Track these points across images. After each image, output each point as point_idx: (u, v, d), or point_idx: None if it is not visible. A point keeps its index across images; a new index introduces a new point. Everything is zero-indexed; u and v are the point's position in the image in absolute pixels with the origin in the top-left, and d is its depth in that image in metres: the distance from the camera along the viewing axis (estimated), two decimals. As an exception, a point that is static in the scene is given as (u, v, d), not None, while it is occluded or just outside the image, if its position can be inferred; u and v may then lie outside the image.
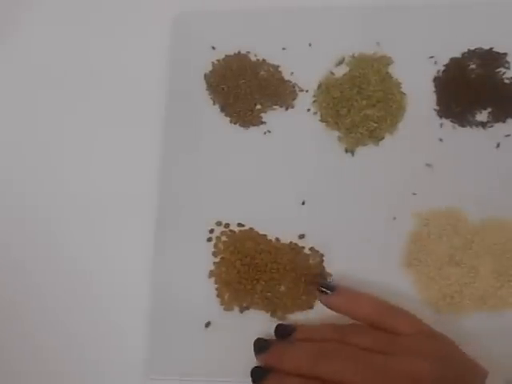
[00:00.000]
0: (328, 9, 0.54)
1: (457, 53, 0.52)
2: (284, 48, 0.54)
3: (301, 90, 0.53)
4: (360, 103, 0.51)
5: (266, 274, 0.46)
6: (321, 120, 0.51)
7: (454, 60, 0.52)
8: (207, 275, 0.48)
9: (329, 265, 0.47)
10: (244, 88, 0.53)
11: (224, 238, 0.49)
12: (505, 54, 0.51)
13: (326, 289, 0.44)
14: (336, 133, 0.51)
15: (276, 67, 0.53)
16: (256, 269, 0.47)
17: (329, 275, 0.47)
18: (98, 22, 0.57)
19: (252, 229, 0.49)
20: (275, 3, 0.53)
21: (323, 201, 0.49)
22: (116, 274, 0.49)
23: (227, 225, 0.49)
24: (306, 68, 0.53)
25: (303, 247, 0.48)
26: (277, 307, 0.46)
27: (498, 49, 0.51)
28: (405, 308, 0.43)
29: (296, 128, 0.51)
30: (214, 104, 0.53)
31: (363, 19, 0.53)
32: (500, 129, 0.49)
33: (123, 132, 0.53)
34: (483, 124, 0.50)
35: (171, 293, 0.48)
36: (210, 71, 0.54)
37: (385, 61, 0.52)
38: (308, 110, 0.52)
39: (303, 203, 0.49)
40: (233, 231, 0.49)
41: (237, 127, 0.52)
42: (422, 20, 0.53)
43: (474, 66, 0.51)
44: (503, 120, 0.50)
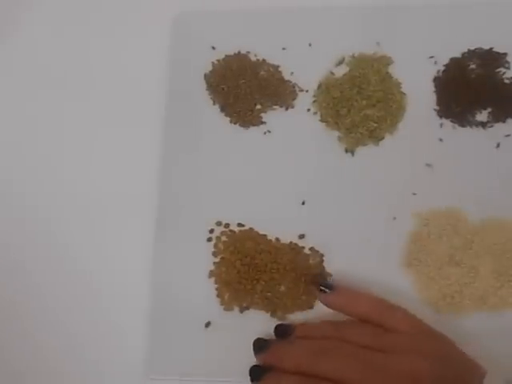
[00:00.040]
0: (328, 9, 0.54)
1: (457, 53, 0.52)
2: (284, 48, 0.54)
3: (301, 90, 0.52)
4: (360, 103, 0.51)
5: (266, 274, 0.46)
6: (321, 120, 0.51)
7: (454, 60, 0.52)
8: (207, 275, 0.48)
9: (329, 265, 0.47)
10: (244, 88, 0.53)
11: (224, 238, 0.49)
12: (505, 54, 0.51)
13: (326, 288, 0.44)
14: (336, 133, 0.51)
15: (276, 67, 0.53)
16: (256, 269, 0.47)
17: (329, 275, 0.47)
18: (98, 22, 0.57)
19: (252, 229, 0.49)
20: (275, 3, 0.53)
21: (323, 201, 0.49)
22: (116, 274, 0.49)
23: (227, 225, 0.49)
24: (306, 68, 0.53)
25: (303, 247, 0.48)
26: (277, 307, 0.46)
27: (498, 49, 0.51)
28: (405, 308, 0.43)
29: (296, 128, 0.51)
30: (214, 104, 0.53)
31: (363, 19, 0.53)
32: (500, 129, 0.49)
33: (123, 132, 0.53)
34: (483, 124, 0.50)
35: (171, 293, 0.48)
36: (210, 71, 0.54)
37: (385, 61, 0.52)
38: (308, 110, 0.52)
39: (303, 203, 0.49)
40: (233, 231, 0.49)
41: (237, 127, 0.52)
42: (422, 20, 0.53)
43: (474, 66, 0.51)
44: (503, 120, 0.50)
